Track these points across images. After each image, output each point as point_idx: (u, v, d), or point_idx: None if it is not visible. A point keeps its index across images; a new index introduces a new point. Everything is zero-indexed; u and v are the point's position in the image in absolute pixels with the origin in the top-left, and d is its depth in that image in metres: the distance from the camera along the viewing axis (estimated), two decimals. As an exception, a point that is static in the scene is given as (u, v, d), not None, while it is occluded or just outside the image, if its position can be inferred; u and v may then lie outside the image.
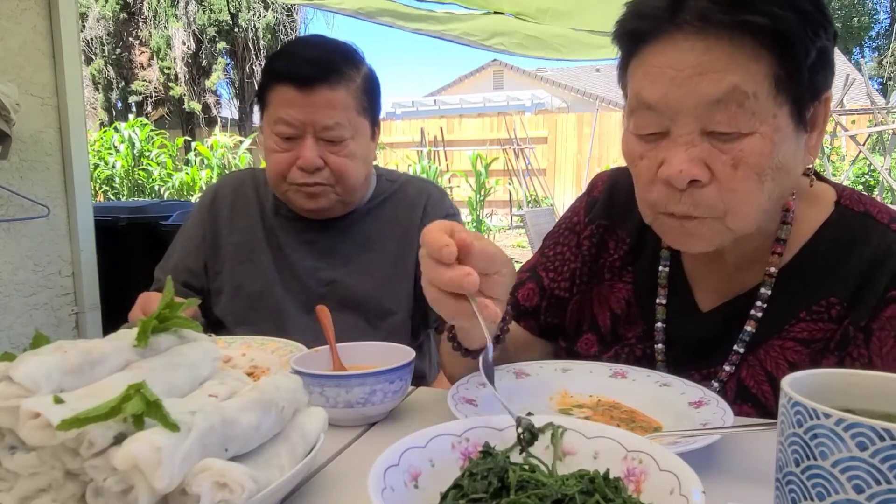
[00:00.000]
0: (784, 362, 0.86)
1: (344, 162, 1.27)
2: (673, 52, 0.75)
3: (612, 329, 1.00)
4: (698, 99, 0.73)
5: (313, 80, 1.22)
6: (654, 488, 0.51)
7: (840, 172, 8.94)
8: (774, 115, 0.74)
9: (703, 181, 0.76)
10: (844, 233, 0.86)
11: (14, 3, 2.00)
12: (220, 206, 1.42)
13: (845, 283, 0.84)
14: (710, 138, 0.75)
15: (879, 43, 20.85)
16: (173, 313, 0.65)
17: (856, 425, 0.41)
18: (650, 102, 0.77)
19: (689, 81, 0.74)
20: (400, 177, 1.47)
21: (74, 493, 0.51)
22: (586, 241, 1.04)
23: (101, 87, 17.14)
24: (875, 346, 0.81)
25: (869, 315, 0.82)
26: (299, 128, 1.24)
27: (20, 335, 2.07)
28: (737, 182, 0.76)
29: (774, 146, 0.74)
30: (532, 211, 5.52)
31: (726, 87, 0.72)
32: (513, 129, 12.33)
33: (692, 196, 0.77)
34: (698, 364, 0.91)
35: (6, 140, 1.87)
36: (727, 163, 0.75)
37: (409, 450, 0.54)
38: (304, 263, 1.35)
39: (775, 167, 0.76)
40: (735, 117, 0.73)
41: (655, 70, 0.76)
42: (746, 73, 0.72)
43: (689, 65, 0.73)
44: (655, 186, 0.80)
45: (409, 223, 1.37)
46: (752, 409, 0.87)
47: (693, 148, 0.76)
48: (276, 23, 16.76)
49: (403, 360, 0.85)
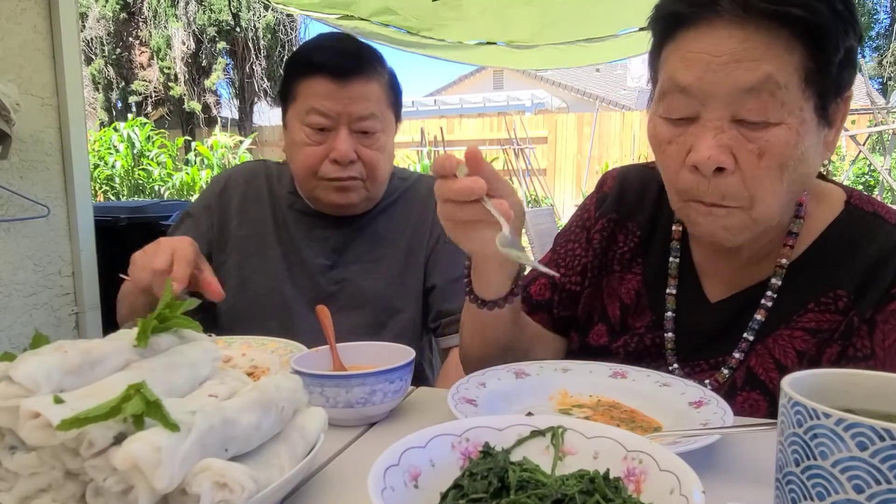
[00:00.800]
0: (792, 350, 0.88)
1: (376, 156, 1.27)
2: (711, 38, 0.76)
3: (622, 319, 1.02)
4: (733, 85, 0.75)
5: (350, 71, 1.22)
6: (654, 488, 0.51)
7: (840, 172, 8.93)
8: (801, 107, 0.76)
9: (728, 169, 0.78)
10: (853, 230, 0.89)
11: (14, 3, 2.00)
12: (231, 196, 1.40)
13: (852, 276, 0.86)
14: (739, 126, 0.77)
15: (879, 43, 20.84)
16: (173, 313, 0.65)
17: (856, 425, 0.41)
18: (684, 85, 0.79)
19: (724, 67, 0.75)
20: (411, 175, 1.47)
21: (74, 493, 0.51)
22: (597, 235, 1.06)
23: (101, 87, 17.12)
24: (878, 338, 0.84)
25: (873, 308, 0.84)
26: (334, 119, 1.24)
27: (20, 335, 2.06)
28: (760, 171, 0.77)
29: (799, 138, 0.76)
30: (532, 211, 5.52)
31: (761, 75, 0.74)
32: (513, 129, 12.33)
33: (718, 185, 0.79)
34: (707, 353, 0.93)
35: (6, 140, 1.87)
36: (753, 151, 0.77)
37: (409, 450, 0.54)
38: (316, 261, 1.34)
39: (797, 159, 0.78)
40: (766, 106, 0.75)
41: (692, 55, 0.78)
42: (780, 63, 0.74)
43: (726, 51, 0.75)
44: (683, 173, 0.82)
45: (419, 220, 1.38)
46: (761, 395, 0.89)
47: (721, 134, 0.77)
48: (276, 23, 16.76)
49: (403, 360, 0.85)
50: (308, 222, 1.37)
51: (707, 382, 0.92)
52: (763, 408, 0.89)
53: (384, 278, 1.34)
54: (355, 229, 1.36)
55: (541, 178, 12.42)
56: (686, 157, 0.81)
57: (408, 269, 1.35)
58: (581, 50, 3.90)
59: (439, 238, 1.36)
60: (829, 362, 0.86)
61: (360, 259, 1.35)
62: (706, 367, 0.93)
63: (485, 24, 3.60)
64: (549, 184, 12.64)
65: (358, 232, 1.36)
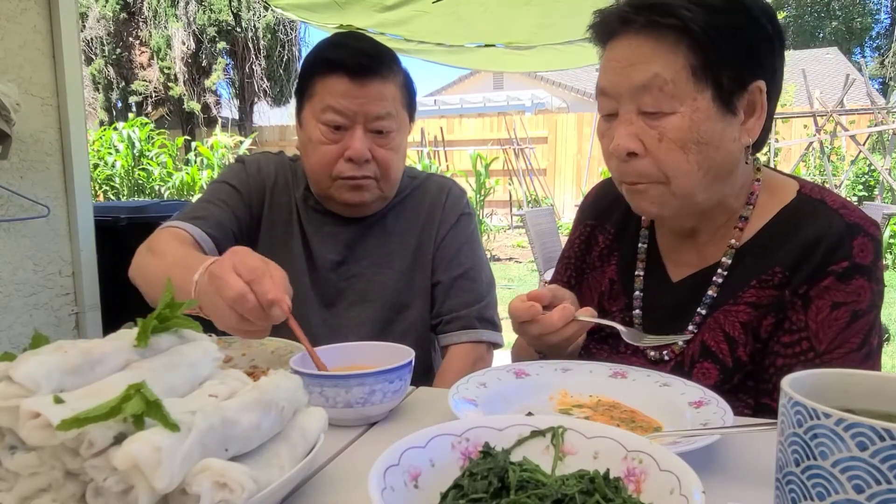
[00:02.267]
0: (738, 323, 0.97)
1: (390, 155, 1.28)
2: (618, 48, 0.93)
3: (599, 304, 1.13)
4: (630, 84, 0.91)
5: (368, 70, 1.23)
6: (654, 488, 0.51)
7: (840, 172, 8.92)
8: (694, 98, 0.88)
9: (639, 153, 0.92)
10: (798, 215, 0.97)
11: (14, 3, 2.00)
12: (266, 178, 1.38)
13: (789, 254, 0.94)
14: (644, 117, 0.91)
15: (880, 43, 20.84)
16: (173, 313, 0.65)
17: (856, 425, 0.41)
18: (602, 87, 0.96)
19: (624, 70, 0.91)
20: (421, 174, 1.48)
21: (74, 493, 0.51)
22: (577, 240, 1.22)
23: (102, 87, 17.12)
24: (812, 313, 0.92)
25: (807, 284, 0.92)
26: (350, 117, 1.24)
27: (20, 335, 2.06)
28: (662, 153, 0.91)
29: (693, 123, 0.89)
30: (532, 211, 5.51)
31: (649, 74, 0.89)
32: (513, 129, 12.33)
33: (633, 166, 0.94)
34: (669, 328, 1.02)
35: (6, 140, 1.87)
36: (655, 137, 0.91)
37: (409, 450, 0.54)
38: (327, 257, 1.35)
39: (697, 141, 0.89)
40: (658, 99, 0.89)
41: (605, 62, 0.95)
42: (666, 62, 0.88)
43: (625, 57, 0.91)
44: (611, 160, 0.97)
45: (428, 218, 1.39)
46: (712, 364, 0.97)
47: (630, 126, 0.92)
48: (276, 23, 16.76)
49: (403, 360, 0.85)
50: (319, 219, 1.37)
51: (665, 353, 1.02)
52: (714, 375, 0.97)
53: (394, 274, 1.35)
54: (366, 226, 1.37)
55: (541, 178, 12.42)
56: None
57: (416, 266, 1.36)
58: (580, 50, 3.91)
59: (446, 236, 1.37)
60: (766, 332, 0.95)
61: (370, 255, 1.36)
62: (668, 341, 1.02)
63: (484, 26, 3.60)
64: (549, 184, 12.64)
65: (368, 228, 1.37)
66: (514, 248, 10.08)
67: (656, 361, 1.02)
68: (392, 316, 1.34)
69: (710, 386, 0.90)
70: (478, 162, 10.68)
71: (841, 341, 0.89)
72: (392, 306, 1.34)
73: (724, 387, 0.94)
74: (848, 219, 0.93)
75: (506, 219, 12.13)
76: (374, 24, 3.55)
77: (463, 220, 1.40)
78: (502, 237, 10.98)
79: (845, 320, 0.90)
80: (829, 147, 9.03)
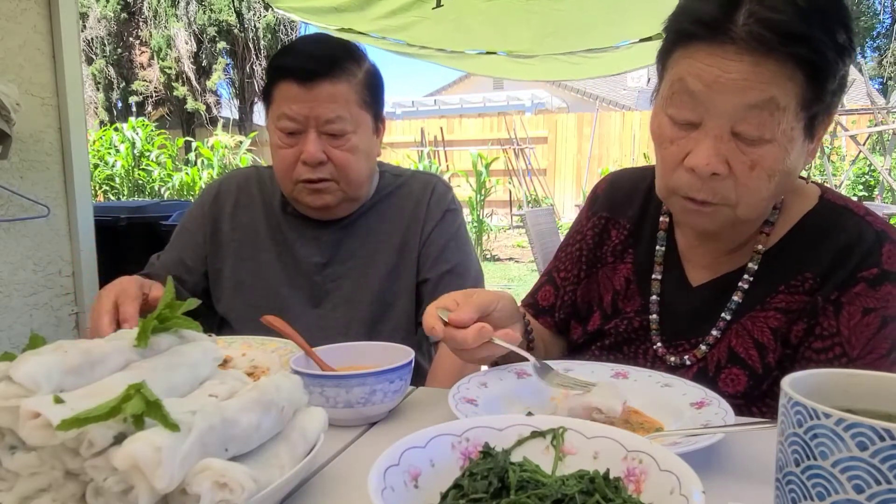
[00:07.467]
0: (767, 329, 0.95)
1: (346, 156, 1.28)
2: (723, 58, 0.82)
3: (613, 304, 1.10)
4: (739, 101, 0.82)
5: (315, 74, 1.23)
6: (654, 488, 0.51)
7: (840, 172, 8.92)
8: (793, 127, 0.83)
9: (722, 175, 0.86)
10: (825, 221, 0.96)
11: (14, 3, 2.00)
12: (223, 203, 1.42)
13: (820, 261, 0.93)
14: (736, 139, 0.84)
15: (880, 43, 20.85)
16: (173, 313, 0.65)
17: (856, 425, 0.41)
18: (694, 90, 0.84)
19: (733, 84, 0.81)
20: (405, 172, 1.47)
21: (74, 493, 0.51)
22: (589, 232, 1.16)
23: (102, 87, 17.12)
24: (844, 319, 0.91)
25: (839, 290, 0.91)
26: (302, 122, 1.25)
27: (20, 335, 2.06)
28: (751, 180, 0.86)
29: (786, 154, 0.84)
30: (532, 211, 5.50)
31: (765, 97, 0.81)
32: (513, 129, 12.33)
33: (710, 186, 0.87)
34: (688, 333, 1.01)
35: (6, 140, 1.87)
36: (745, 163, 0.85)
37: (409, 450, 0.54)
38: (311, 260, 1.36)
39: (784, 172, 0.86)
40: (764, 124, 0.82)
41: (703, 66, 0.83)
42: (784, 89, 0.81)
43: (736, 72, 0.81)
44: (678, 172, 0.89)
45: (412, 216, 1.38)
46: (741, 370, 0.95)
47: (721, 144, 0.84)
48: (277, 23, 16.75)
49: (403, 360, 0.85)
50: (300, 223, 1.38)
51: (686, 358, 0.99)
52: (743, 382, 0.95)
53: (379, 274, 1.35)
54: (347, 227, 1.38)
55: (541, 178, 12.42)
56: (685, 159, 0.87)
57: (402, 265, 1.36)
58: (581, 61, 3.89)
59: (431, 233, 1.37)
60: (796, 339, 0.93)
61: (354, 256, 1.36)
62: (687, 347, 1.00)
63: (485, 34, 3.60)
64: (549, 184, 12.64)
65: (350, 229, 1.38)
66: (514, 248, 10.08)
67: (676, 367, 0.99)
68: (379, 315, 1.34)
69: (738, 392, 0.89)
70: (478, 162, 10.68)
71: (871, 347, 0.89)
72: (378, 306, 1.34)
73: (754, 393, 0.94)
74: (875, 226, 0.93)
75: (506, 219, 12.13)
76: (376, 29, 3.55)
77: (448, 216, 1.39)
78: (502, 237, 10.98)
79: (876, 326, 0.89)
80: (830, 147, 9.03)
